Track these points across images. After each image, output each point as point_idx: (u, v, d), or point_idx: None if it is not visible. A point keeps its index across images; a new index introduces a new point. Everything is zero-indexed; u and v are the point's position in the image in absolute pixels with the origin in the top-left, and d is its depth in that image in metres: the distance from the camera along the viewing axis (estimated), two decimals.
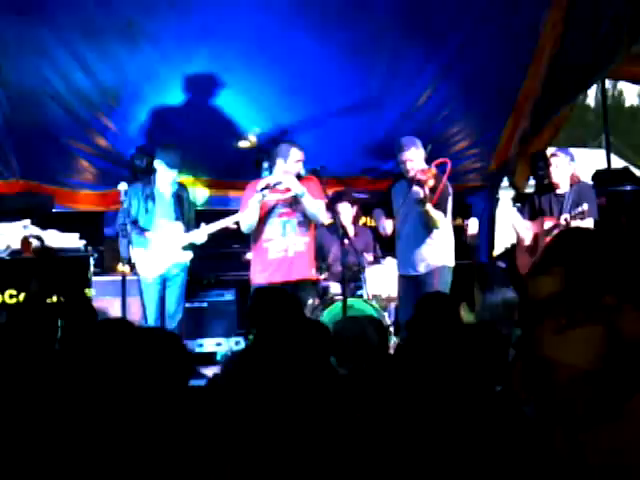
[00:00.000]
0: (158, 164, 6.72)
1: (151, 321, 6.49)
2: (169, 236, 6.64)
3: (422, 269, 6.33)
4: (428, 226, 6.28)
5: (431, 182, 6.10)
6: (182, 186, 6.92)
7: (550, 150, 6.85)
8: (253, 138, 7.81)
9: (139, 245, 6.53)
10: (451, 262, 6.45)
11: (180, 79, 7.54)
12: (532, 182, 8.62)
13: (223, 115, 7.85)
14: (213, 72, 7.51)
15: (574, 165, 6.73)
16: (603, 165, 9.52)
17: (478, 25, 7.57)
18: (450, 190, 6.43)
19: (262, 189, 6.16)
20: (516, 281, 6.96)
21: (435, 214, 6.17)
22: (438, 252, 6.37)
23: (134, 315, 6.62)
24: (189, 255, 6.73)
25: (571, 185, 6.62)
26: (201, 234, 6.71)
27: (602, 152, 11.18)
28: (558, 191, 6.62)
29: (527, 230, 6.66)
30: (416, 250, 6.34)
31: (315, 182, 6.35)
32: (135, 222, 6.58)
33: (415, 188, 6.11)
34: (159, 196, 6.74)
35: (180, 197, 6.79)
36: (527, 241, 6.64)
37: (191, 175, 7.94)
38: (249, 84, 7.59)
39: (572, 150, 7.39)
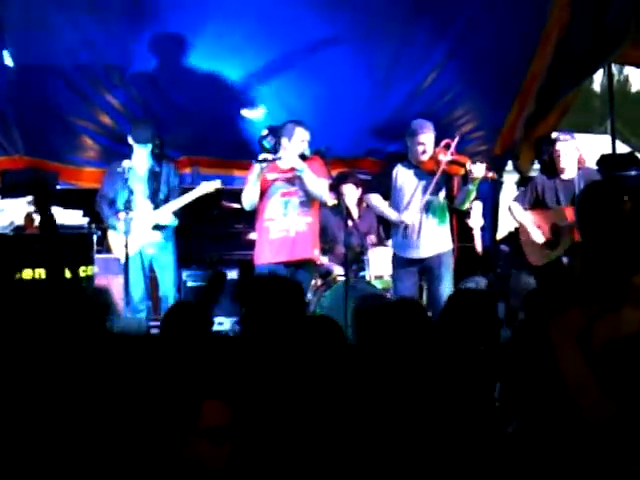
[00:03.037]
0: (130, 140, 6.70)
1: (137, 300, 6.58)
2: (139, 215, 6.55)
3: (428, 253, 6.32)
4: (439, 210, 6.32)
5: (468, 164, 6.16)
6: (159, 162, 6.78)
7: (554, 135, 6.71)
8: (259, 112, 7.79)
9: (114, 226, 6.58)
10: (452, 246, 6.50)
11: (185, 58, 7.53)
12: (537, 166, 8.60)
13: (228, 94, 7.84)
14: (218, 52, 7.49)
15: (579, 148, 6.61)
16: (608, 151, 9.49)
17: (485, 8, 7.56)
18: None
19: (260, 161, 6.14)
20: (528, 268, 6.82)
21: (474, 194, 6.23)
22: (445, 237, 6.40)
23: None
24: (156, 235, 6.63)
25: (578, 169, 6.50)
26: (165, 213, 6.62)
27: (607, 138, 11.15)
28: (564, 176, 6.46)
29: (537, 223, 6.50)
30: (425, 234, 6.32)
31: (319, 162, 6.33)
32: (112, 203, 6.57)
33: (477, 167, 6.07)
34: (133, 173, 6.61)
35: (155, 173, 6.68)
36: (540, 234, 6.47)
37: (196, 154, 7.95)
38: (255, 64, 7.60)
39: (577, 135, 7.30)
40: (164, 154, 6.99)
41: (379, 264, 7.09)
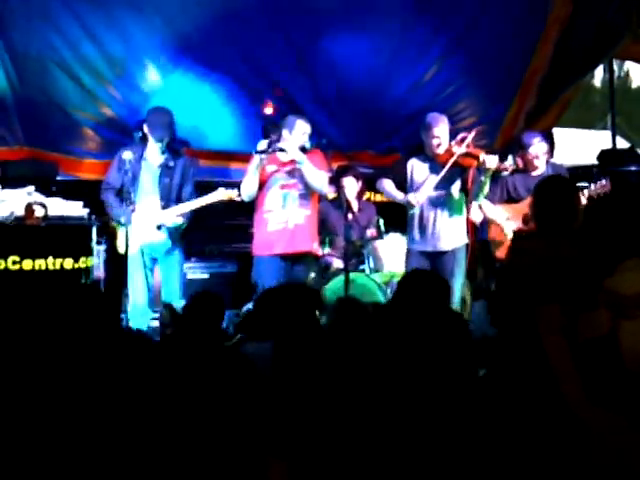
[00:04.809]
0: (145, 129, 6.48)
1: (142, 304, 6.37)
2: (146, 213, 6.34)
3: (443, 247, 6.34)
4: (454, 204, 6.33)
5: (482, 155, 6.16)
6: (175, 155, 6.52)
7: (525, 139, 6.66)
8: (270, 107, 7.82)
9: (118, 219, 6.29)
10: (467, 240, 6.50)
11: (186, 49, 7.53)
12: None
13: (229, 86, 7.85)
14: (219, 43, 7.50)
15: (546, 145, 6.61)
16: (609, 146, 9.50)
17: (486, 2, 7.56)
18: None
19: (259, 151, 6.14)
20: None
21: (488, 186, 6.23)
22: (460, 230, 6.41)
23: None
24: (160, 235, 6.37)
25: (546, 163, 6.53)
26: (170, 215, 6.35)
27: (608, 133, 11.18)
28: (534, 173, 6.46)
29: (508, 216, 6.49)
30: (440, 227, 6.33)
31: (319, 155, 6.36)
32: (118, 193, 6.35)
33: (490, 158, 6.08)
34: (146, 165, 6.44)
35: (168, 168, 6.43)
36: (513, 225, 6.46)
37: (195, 147, 7.95)
38: (255, 56, 7.60)
39: (578, 131, 7.32)
40: (177, 148, 6.72)
41: (379, 257, 7.10)
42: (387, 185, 6.55)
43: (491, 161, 6.10)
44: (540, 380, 3.18)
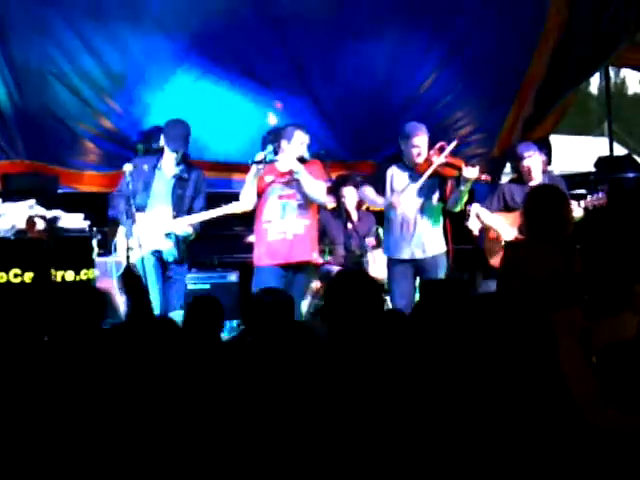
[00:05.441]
0: (162, 141, 6.47)
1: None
2: (156, 220, 6.28)
3: (425, 254, 6.35)
4: (433, 212, 6.31)
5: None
6: (189, 167, 6.47)
7: (519, 151, 6.66)
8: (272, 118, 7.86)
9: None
10: (445, 248, 6.46)
11: (186, 62, 7.57)
12: None
13: (229, 98, 7.89)
14: (219, 56, 7.54)
15: (541, 156, 6.62)
16: (606, 153, 9.54)
17: (483, 10, 7.62)
18: None
19: (256, 162, 6.15)
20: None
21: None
22: (439, 238, 6.42)
23: None
24: (168, 244, 6.31)
25: (543, 174, 6.55)
26: (181, 224, 6.31)
27: (605, 140, 11.22)
28: (532, 183, 6.38)
29: (505, 224, 6.50)
30: (419, 235, 6.34)
31: (318, 165, 6.36)
32: (129, 199, 6.19)
33: (471, 169, 6.10)
34: (160, 175, 6.39)
35: (182, 179, 6.39)
36: (510, 232, 6.45)
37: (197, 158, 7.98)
38: (255, 68, 7.65)
39: (575, 138, 7.35)
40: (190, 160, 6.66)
41: (378, 266, 7.12)
42: (368, 192, 6.54)
43: (471, 172, 6.11)
44: (551, 384, 3.16)
